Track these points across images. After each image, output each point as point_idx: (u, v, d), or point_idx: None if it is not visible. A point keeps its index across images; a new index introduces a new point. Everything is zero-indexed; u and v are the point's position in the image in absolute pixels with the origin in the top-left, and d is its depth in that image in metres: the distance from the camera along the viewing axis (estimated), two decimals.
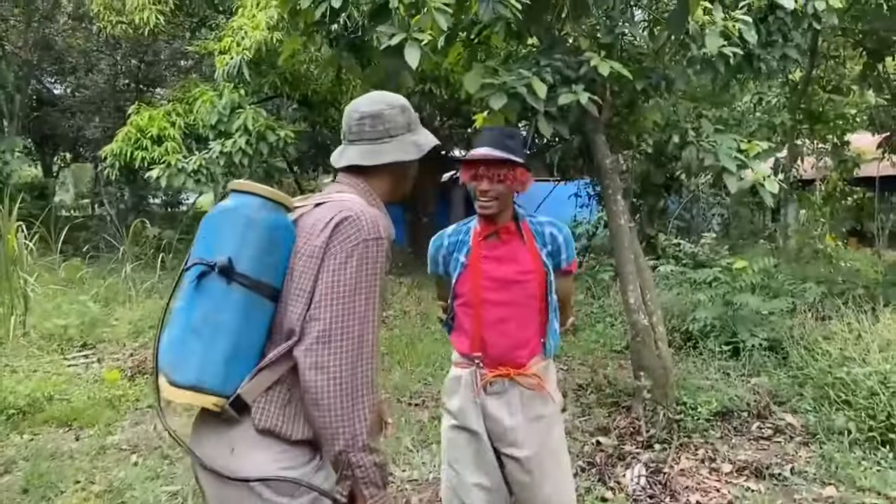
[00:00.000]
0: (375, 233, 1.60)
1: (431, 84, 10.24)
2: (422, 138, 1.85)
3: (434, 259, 2.64)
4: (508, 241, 2.49)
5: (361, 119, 1.80)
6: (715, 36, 4.29)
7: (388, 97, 1.83)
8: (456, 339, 2.60)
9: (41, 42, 15.01)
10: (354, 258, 1.57)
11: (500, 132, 2.52)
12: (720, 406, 4.62)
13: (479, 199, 2.44)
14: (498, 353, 2.48)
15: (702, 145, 4.70)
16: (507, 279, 2.48)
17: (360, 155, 1.79)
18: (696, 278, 7.08)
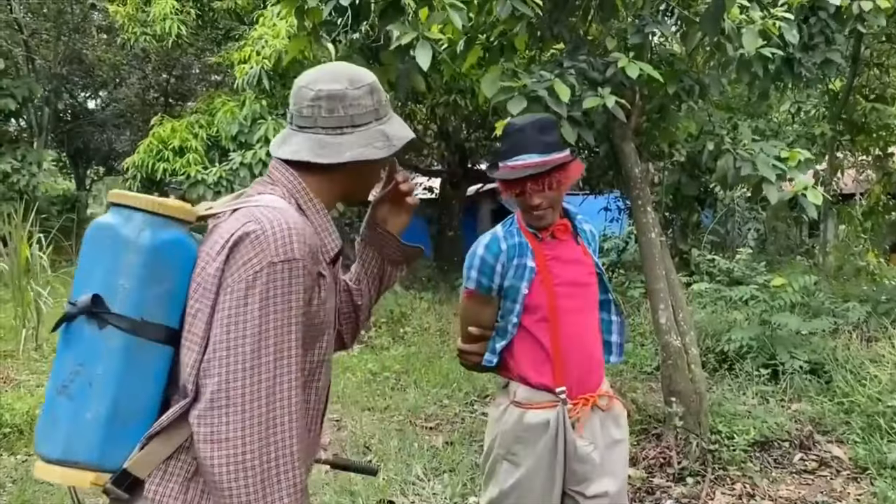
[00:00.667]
0: (286, 253, 1.22)
1: (457, 95, 10.02)
2: (393, 129, 1.43)
3: (487, 270, 2.15)
4: (565, 240, 2.20)
5: (316, 100, 1.36)
6: (753, 35, 3.97)
7: (354, 72, 1.41)
8: (526, 367, 2.14)
9: (71, 56, 15.13)
10: (257, 290, 1.20)
11: (533, 128, 2.12)
12: (759, 435, 4.26)
13: (530, 214, 2.12)
14: (580, 375, 2.13)
15: (739, 154, 4.38)
16: (577, 281, 2.17)
17: (310, 148, 1.36)
18: (732, 296, 6.71)
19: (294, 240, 1.24)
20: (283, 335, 1.22)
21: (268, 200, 1.31)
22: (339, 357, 6.59)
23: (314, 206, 1.39)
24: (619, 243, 11.13)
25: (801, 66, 5.02)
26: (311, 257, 1.26)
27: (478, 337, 2.25)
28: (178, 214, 1.30)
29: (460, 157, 13.55)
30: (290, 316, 1.22)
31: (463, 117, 12.04)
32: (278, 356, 1.21)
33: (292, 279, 1.23)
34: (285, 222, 1.24)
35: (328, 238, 1.39)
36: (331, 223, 1.40)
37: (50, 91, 15.04)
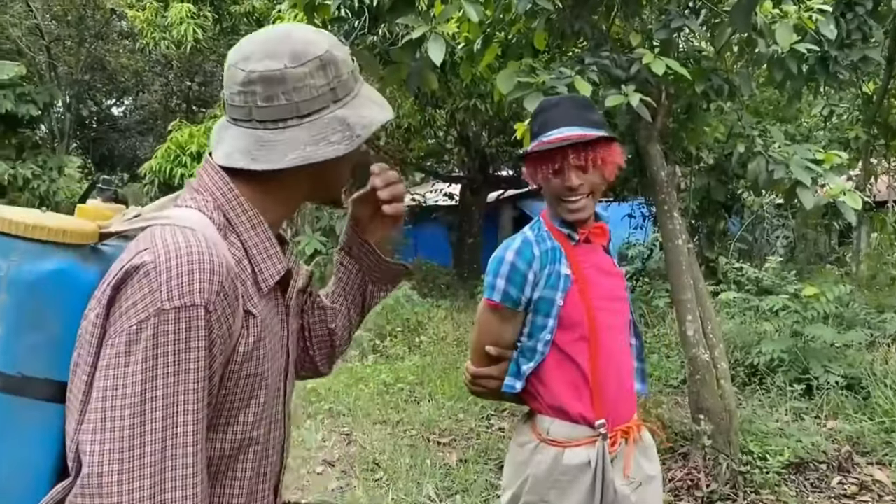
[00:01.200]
0: (181, 296, 0.93)
1: (477, 99, 9.85)
2: (358, 112, 1.09)
3: (518, 279, 1.81)
4: (601, 243, 1.90)
5: (248, 84, 1.04)
6: (788, 29, 3.73)
7: (299, 41, 1.07)
8: (562, 398, 1.81)
9: (94, 62, 15.20)
10: (141, 346, 0.92)
11: (574, 103, 1.84)
12: (793, 456, 4.00)
13: (567, 201, 1.79)
14: (617, 404, 1.84)
15: (771, 156, 4.13)
16: (614, 295, 1.88)
17: (245, 149, 1.06)
18: (762, 306, 6.42)
19: (196, 277, 0.94)
20: (176, 404, 0.93)
21: (179, 217, 1.02)
22: (352, 367, 6.41)
23: (250, 220, 1.08)
24: (644, 251, 10.85)
25: (836, 65, 4.78)
26: (221, 298, 0.97)
27: (494, 359, 1.91)
28: (60, 238, 1.01)
29: (481, 163, 13.36)
30: (185, 379, 0.94)
31: (483, 122, 11.86)
32: (168, 432, 0.92)
33: (190, 330, 0.94)
34: (187, 252, 0.95)
35: (268, 262, 1.09)
36: (273, 242, 1.10)
37: (72, 97, 15.11)
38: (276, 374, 1.14)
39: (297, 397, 5.36)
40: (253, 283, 1.07)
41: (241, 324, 1.02)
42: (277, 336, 1.15)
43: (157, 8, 10.18)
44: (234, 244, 1.06)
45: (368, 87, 1.17)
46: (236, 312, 1.01)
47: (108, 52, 15.39)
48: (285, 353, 1.19)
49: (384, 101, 1.17)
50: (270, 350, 1.10)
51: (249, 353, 1.04)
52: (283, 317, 1.17)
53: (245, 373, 1.04)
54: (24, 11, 13.45)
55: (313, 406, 5.21)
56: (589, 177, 1.78)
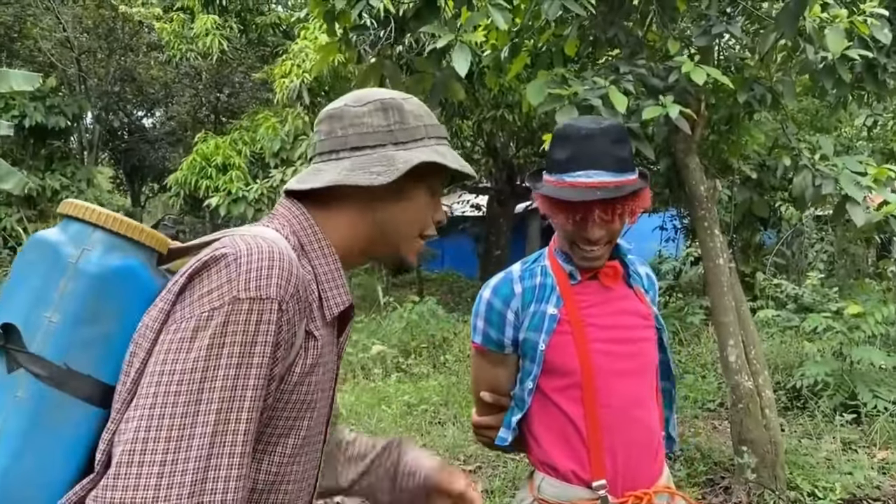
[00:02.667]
0: (259, 288, 0.91)
1: (504, 110, 9.67)
2: (410, 154, 1.08)
3: (496, 319, 1.63)
4: (611, 285, 1.66)
5: (319, 122, 1.13)
6: (838, 34, 3.49)
7: (371, 91, 1.15)
8: (551, 452, 1.61)
9: (123, 74, 15.30)
10: (209, 332, 0.88)
11: (606, 136, 1.55)
12: (845, 492, 3.71)
13: (583, 249, 1.58)
14: (629, 464, 1.58)
15: (819, 170, 3.87)
16: (626, 337, 1.63)
17: (299, 178, 1.11)
18: (804, 326, 6.12)
19: (275, 273, 0.93)
20: (233, 399, 0.88)
21: (255, 231, 1.02)
22: (374, 386, 6.22)
23: (322, 248, 1.08)
24: (677, 265, 10.56)
25: (885, 73, 4.51)
26: (295, 301, 0.95)
27: (493, 406, 1.72)
28: (141, 238, 1.00)
29: (508, 174, 13.16)
30: (247, 374, 0.89)
31: (511, 133, 11.68)
32: (220, 427, 0.87)
33: (260, 324, 0.91)
34: (269, 250, 0.95)
35: (334, 291, 1.06)
36: (340, 273, 1.09)
37: (101, 109, 15.22)
38: (321, 414, 1.08)
39: None
40: (318, 308, 1.04)
41: (302, 342, 0.99)
42: (328, 375, 1.09)
43: (184, 20, 10.17)
44: (305, 267, 1.04)
45: (447, 148, 1.14)
46: (301, 326, 0.98)
47: (137, 63, 15.49)
48: (331, 397, 1.13)
49: (461, 163, 1.13)
50: (322, 381, 1.06)
51: (304, 376, 1.00)
52: (335, 357, 1.13)
53: (295, 396, 1.00)
54: (54, 24, 13.58)
55: None
56: (611, 227, 1.56)
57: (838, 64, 3.69)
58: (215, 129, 14.08)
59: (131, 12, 10.94)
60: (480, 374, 1.76)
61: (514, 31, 4.19)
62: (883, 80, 4.52)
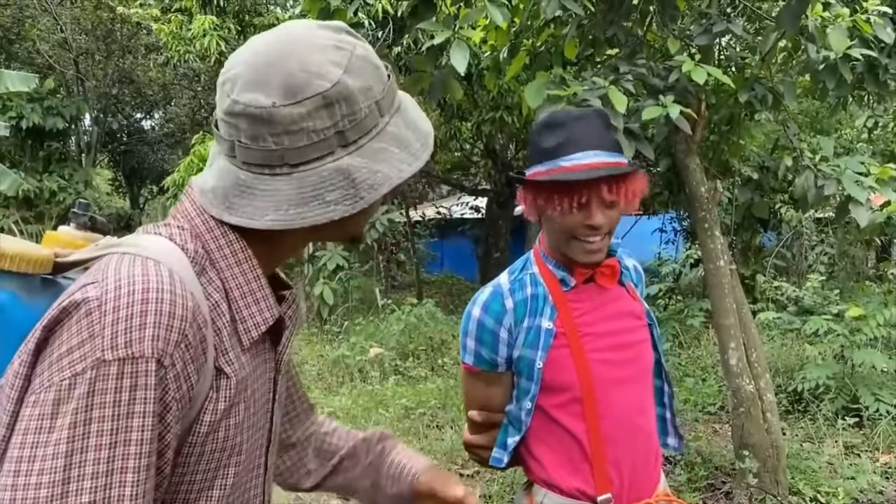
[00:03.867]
0: (128, 344, 0.72)
1: (503, 111, 9.63)
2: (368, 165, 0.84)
3: (488, 338, 1.54)
4: (608, 287, 1.57)
5: (233, 115, 0.83)
6: (841, 32, 3.44)
7: (300, 64, 0.82)
8: (553, 468, 1.53)
9: (122, 75, 15.27)
10: (72, 405, 0.71)
11: (601, 120, 1.49)
12: (848, 497, 3.67)
13: (585, 241, 1.48)
14: (633, 474, 1.53)
15: (821, 171, 3.83)
16: (625, 342, 1.56)
17: (222, 193, 0.86)
18: (805, 329, 6.07)
19: (150, 321, 0.74)
20: (109, 487, 0.71)
21: (143, 245, 0.82)
22: (372, 389, 6.17)
23: (234, 253, 0.86)
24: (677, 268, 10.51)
25: (886, 73, 4.47)
26: (182, 351, 0.76)
27: (485, 426, 1.63)
28: (5, 265, 0.84)
29: (507, 176, 13.12)
30: (125, 453, 0.72)
31: (510, 135, 11.65)
32: None
33: (136, 389, 0.72)
34: (143, 288, 0.75)
35: (252, 308, 0.87)
36: (261, 283, 0.88)
37: (100, 111, 15.18)
38: (254, 448, 0.92)
39: None
40: (232, 334, 0.85)
41: (209, 384, 0.82)
42: (262, 400, 0.93)
43: (182, 21, 10.11)
44: (213, 282, 0.85)
45: (404, 118, 0.90)
46: (203, 369, 0.80)
47: (135, 65, 15.46)
48: (269, 421, 0.96)
49: (420, 138, 0.90)
50: (248, 418, 0.88)
51: (217, 423, 0.83)
52: (271, 374, 0.95)
53: (211, 447, 0.84)
54: (52, 26, 13.54)
55: None
56: (613, 213, 1.47)
57: (840, 63, 3.65)
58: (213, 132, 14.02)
59: (129, 13, 10.89)
60: (473, 393, 1.65)
61: (513, 32, 4.15)
62: (884, 81, 4.48)
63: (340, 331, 7.96)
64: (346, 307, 9.06)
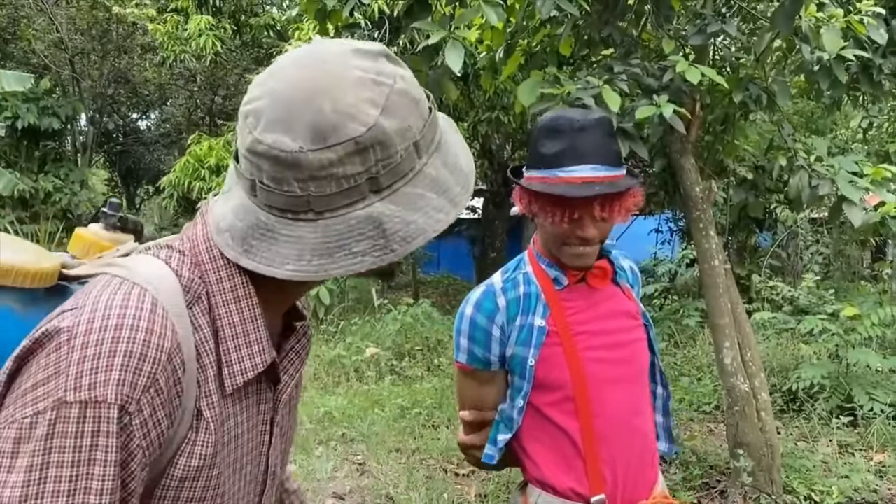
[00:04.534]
0: (92, 386, 0.68)
1: (500, 111, 9.64)
2: (401, 214, 0.77)
3: (480, 336, 1.54)
4: (600, 287, 1.58)
5: (255, 155, 0.76)
6: (835, 33, 3.46)
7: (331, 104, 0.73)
8: (546, 467, 1.53)
9: (117, 75, 15.24)
10: (31, 445, 0.67)
11: (602, 130, 1.46)
12: (842, 497, 3.68)
13: (572, 248, 1.48)
14: (628, 474, 1.52)
15: (815, 171, 3.84)
16: (619, 341, 1.55)
17: (241, 233, 0.79)
18: (800, 328, 6.09)
19: (118, 363, 0.69)
20: None
21: (137, 268, 0.77)
22: (368, 389, 6.17)
23: (234, 289, 0.81)
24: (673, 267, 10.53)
25: (880, 74, 4.48)
26: (151, 396, 0.71)
27: (477, 424, 1.63)
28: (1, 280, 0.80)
29: (504, 176, 13.12)
30: (85, 500, 0.68)
31: (506, 135, 11.66)
32: None
33: (98, 436, 0.68)
34: (117, 323, 0.70)
35: (243, 350, 0.81)
36: (257, 325, 0.82)
37: (95, 111, 15.15)
38: (242, 496, 0.87)
39: (310, 422, 5.13)
40: (216, 376, 0.79)
41: (188, 426, 0.76)
42: (252, 443, 0.87)
43: (178, 21, 10.12)
44: (204, 315, 0.79)
45: (443, 156, 0.82)
46: (177, 413, 0.74)
47: (131, 65, 15.43)
48: (263, 464, 0.90)
49: (460, 179, 0.82)
50: (231, 464, 0.83)
51: (196, 472, 0.77)
52: (267, 415, 0.88)
53: (188, 494, 0.78)
54: (47, 26, 13.51)
55: (326, 431, 4.98)
56: (605, 225, 1.47)
57: (834, 64, 3.66)
58: (210, 132, 14.04)
59: (125, 13, 10.88)
60: (466, 392, 1.65)
61: (509, 32, 4.16)
62: (878, 81, 4.49)
63: (336, 331, 7.96)
64: (343, 307, 9.06)
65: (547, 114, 1.59)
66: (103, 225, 1.04)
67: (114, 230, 1.03)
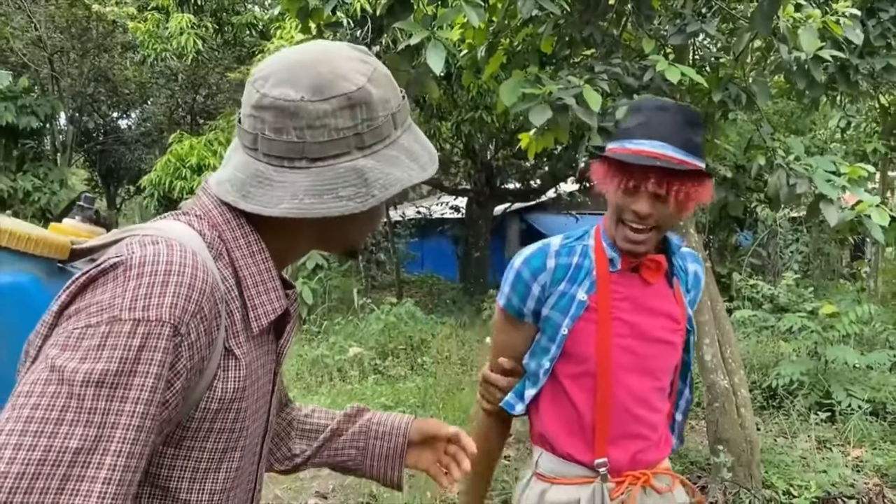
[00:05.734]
0: (146, 308, 0.75)
1: (483, 111, 9.67)
2: (384, 166, 0.91)
3: (520, 288, 1.61)
4: (653, 281, 1.60)
5: (260, 109, 0.88)
6: (812, 33, 3.50)
7: (330, 70, 0.89)
8: (554, 431, 1.62)
9: (97, 74, 15.10)
10: (80, 351, 0.73)
11: (683, 115, 1.52)
12: (820, 491, 3.72)
13: (628, 226, 1.51)
14: (631, 454, 1.60)
15: (793, 170, 3.88)
16: (654, 336, 1.59)
17: (241, 183, 0.90)
18: (780, 326, 6.16)
19: (171, 291, 0.77)
20: (101, 437, 0.72)
21: (164, 228, 0.86)
22: (351, 388, 6.17)
23: (249, 245, 0.91)
24: None
25: (857, 74, 4.55)
26: (198, 321, 0.79)
27: (510, 371, 1.72)
28: (22, 246, 0.89)
29: (487, 176, 13.17)
30: (121, 408, 0.73)
31: (490, 135, 11.69)
32: (91, 451, 0.71)
33: (144, 350, 0.75)
34: (167, 260, 0.79)
35: (263, 297, 0.91)
36: (273, 275, 0.93)
37: (75, 109, 15.00)
38: (255, 434, 0.96)
39: None
40: (242, 319, 0.89)
41: (217, 363, 0.85)
42: (263, 389, 0.97)
43: (159, 19, 10.04)
44: (227, 269, 0.89)
45: (413, 135, 0.98)
46: (215, 345, 0.84)
47: (112, 64, 15.29)
48: (267, 412, 1.00)
49: (428, 155, 0.97)
50: (253, 403, 0.92)
51: (229, 403, 0.87)
52: (272, 366, 1.00)
53: (220, 426, 0.87)
54: (26, 24, 13.36)
55: None
56: (662, 209, 1.48)
57: (812, 64, 3.71)
58: (192, 131, 13.94)
59: (105, 11, 10.79)
60: (500, 332, 1.74)
61: (490, 31, 4.17)
62: (855, 82, 4.56)
63: (320, 330, 7.94)
64: (326, 307, 9.04)
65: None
66: (80, 218, 1.08)
67: (90, 223, 1.07)
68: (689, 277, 1.70)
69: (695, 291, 1.72)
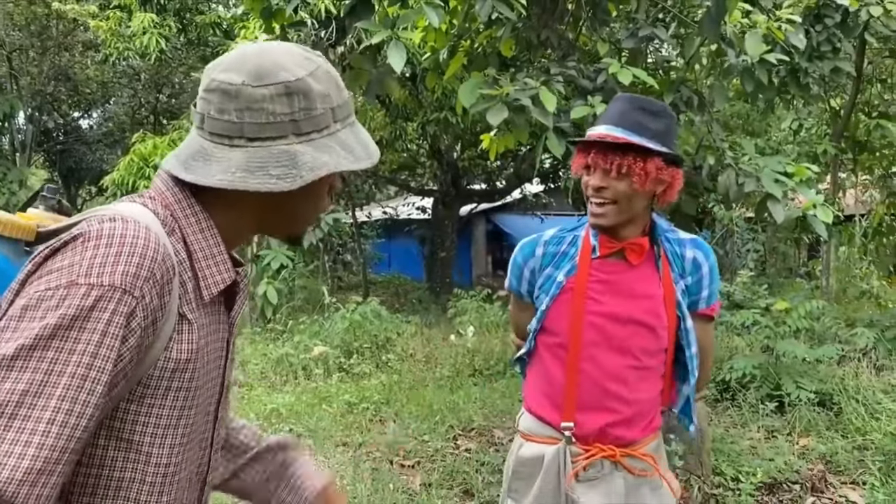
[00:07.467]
0: (101, 274, 0.85)
1: (448, 112, 9.75)
2: (314, 154, 0.99)
3: (516, 272, 1.92)
4: (636, 266, 1.77)
5: (209, 92, 0.98)
6: (756, 38, 3.65)
7: (275, 62, 0.98)
8: (532, 394, 1.89)
9: (58, 73, 14.86)
10: (38, 313, 0.83)
11: (635, 104, 1.73)
12: (766, 477, 3.89)
13: (591, 201, 1.74)
14: (599, 426, 1.77)
15: (742, 169, 4.04)
16: (630, 317, 1.76)
17: (184, 156, 0.99)
18: (733, 322, 6.35)
19: (123, 260, 0.86)
20: (48, 382, 0.81)
21: (120, 209, 0.94)
22: (316, 386, 6.21)
23: (199, 222, 0.99)
24: None
25: (807, 77, 4.73)
26: (150, 286, 0.88)
27: None
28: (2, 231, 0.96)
29: (453, 177, 13.26)
30: (67, 360, 0.82)
31: (455, 135, 11.77)
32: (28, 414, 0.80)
33: (95, 310, 0.84)
34: (121, 234, 0.88)
35: (213, 269, 1.00)
36: (221, 249, 1.02)
37: (34, 109, 14.74)
38: (208, 396, 1.05)
39: (257, 419, 5.15)
40: (194, 289, 0.98)
41: (172, 326, 0.94)
42: (215, 355, 1.05)
43: (121, 18, 9.95)
44: (179, 243, 0.98)
45: (354, 133, 1.06)
46: (167, 309, 0.92)
47: (72, 62, 15.06)
48: (221, 376, 1.09)
49: (364, 151, 1.05)
50: (206, 366, 1.01)
51: (184, 364, 0.95)
52: (224, 334, 1.08)
53: (178, 384, 0.96)
54: None
55: (273, 428, 5.00)
56: (615, 183, 1.69)
57: (758, 67, 3.87)
58: (155, 131, 13.79)
59: (65, 9, 10.65)
60: (512, 312, 2.09)
61: (453, 33, 4.27)
62: (806, 84, 4.75)
63: (284, 330, 7.95)
64: (291, 306, 9.05)
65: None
66: (44, 207, 1.14)
67: (53, 212, 1.14)
68: (687, 263, 1.81)
69: (696, 276, 1.82)
